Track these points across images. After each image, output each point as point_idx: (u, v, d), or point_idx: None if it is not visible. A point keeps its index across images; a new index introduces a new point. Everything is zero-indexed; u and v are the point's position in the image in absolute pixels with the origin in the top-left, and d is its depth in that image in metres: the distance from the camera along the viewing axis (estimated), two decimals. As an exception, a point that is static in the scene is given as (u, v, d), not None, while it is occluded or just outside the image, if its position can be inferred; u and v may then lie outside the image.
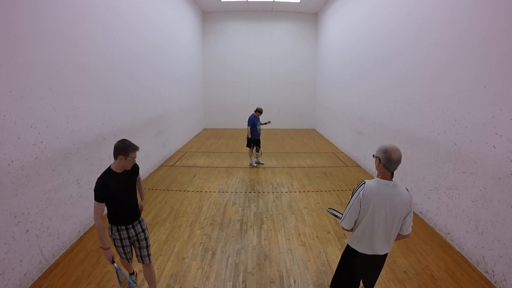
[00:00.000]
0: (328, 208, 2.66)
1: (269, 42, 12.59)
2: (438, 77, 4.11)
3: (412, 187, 4.68)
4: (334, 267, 3.23)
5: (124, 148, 2.31)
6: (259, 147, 7.16)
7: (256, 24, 12.45)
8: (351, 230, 2.12)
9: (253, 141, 7.01)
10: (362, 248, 2.08)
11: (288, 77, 12.88)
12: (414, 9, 4.80)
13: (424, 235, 3.98)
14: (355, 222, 2.06)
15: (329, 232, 4.01)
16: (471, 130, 3.46)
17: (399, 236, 2.09)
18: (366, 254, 2.08)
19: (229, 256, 3.44)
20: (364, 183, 1.99)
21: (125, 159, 2.32)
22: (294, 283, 3.00)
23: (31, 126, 2.98)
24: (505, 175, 2.93)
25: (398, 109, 5.35)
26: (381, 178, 1.99)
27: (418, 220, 4.42)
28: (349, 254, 2.20)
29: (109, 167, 2.40)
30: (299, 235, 3.93)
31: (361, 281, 2.39)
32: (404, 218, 2.00)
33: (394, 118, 5.48)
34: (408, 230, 2.04)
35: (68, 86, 3.62)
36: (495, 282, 3.00)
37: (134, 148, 2.37)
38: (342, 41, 9.16)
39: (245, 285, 2.97)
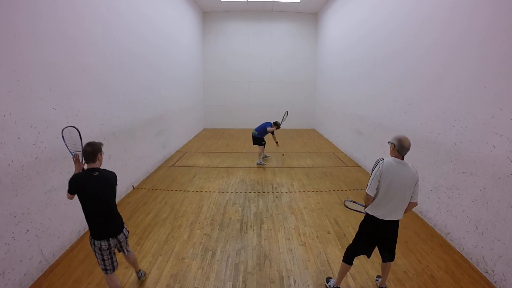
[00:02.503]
0: (346, 200, 3.07)
1: (269, 42, 12.59)
2: (438, 77, 4.11)
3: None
4: (334, 267, 3.24)
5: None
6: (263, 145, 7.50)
7: (256, 24, 12.44)
8: (374, 197, 2.53)
9: (261, 140, 7.34)
10: (379, 213, 2.51)
11: (288, 77, 12.88)
12: (414, 9, 4.80)
13: (424, 235, 3.98)
14: (377, 189, 2.48)
15: (329, 232, 4.01)
16: (471, 130, 3.46)
17: (410, 205, 2.52)
18: (382, 220, 2.50)
19: (229, 256, 3.44)
20: (383, 160, 2.47)
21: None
22: (294, 283, 3.00)
23: (31, 126, 2.99)
24: (505, 175, 2.93)
25: (398, 109, 5.35)
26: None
27: (418, 220, 4.42)
28: (367, 221, 2.63)
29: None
30: (299, 235, 3.93)
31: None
32: (413, 188, 2.44)
33: (394, 118, 5.48)
34: (416, 198, 2.49)
35: (68, 86, 3.62)
36: (495, 282, 3.00)
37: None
38: (342, 41, 9.16)
39: (245, 285, 2.97)
